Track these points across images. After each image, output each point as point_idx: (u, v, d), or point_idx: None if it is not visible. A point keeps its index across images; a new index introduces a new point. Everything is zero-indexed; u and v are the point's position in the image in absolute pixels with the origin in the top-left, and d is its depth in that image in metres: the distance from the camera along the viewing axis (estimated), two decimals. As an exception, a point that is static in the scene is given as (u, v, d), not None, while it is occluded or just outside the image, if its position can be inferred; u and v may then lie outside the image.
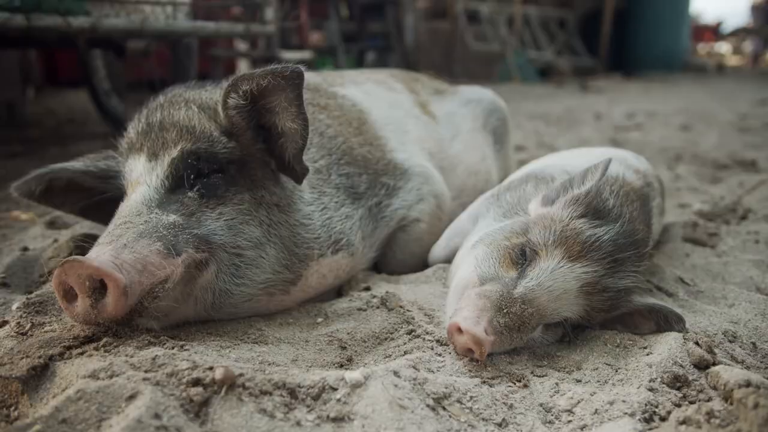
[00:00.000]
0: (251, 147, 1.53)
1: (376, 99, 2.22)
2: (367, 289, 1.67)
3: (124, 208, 1.39)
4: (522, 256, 1.36)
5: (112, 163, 1.61)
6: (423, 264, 1.93)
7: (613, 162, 1.78)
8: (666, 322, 1.38)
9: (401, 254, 1.91)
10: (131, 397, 0.97)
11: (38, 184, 1.63)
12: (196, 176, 1.44)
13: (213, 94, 1.64)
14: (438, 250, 1.91)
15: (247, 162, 1.53)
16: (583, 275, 1.31)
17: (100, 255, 1.20)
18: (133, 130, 1.58)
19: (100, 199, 1.66)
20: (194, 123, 1.51)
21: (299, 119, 1.43)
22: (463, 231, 1.80)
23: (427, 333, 1.37)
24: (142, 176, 1.46)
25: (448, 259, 1.79)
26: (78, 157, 1.66)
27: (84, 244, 1.76)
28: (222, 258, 1.39)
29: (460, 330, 1.23)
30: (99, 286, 1.19)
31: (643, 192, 1.71)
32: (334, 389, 1.06)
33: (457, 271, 1.52)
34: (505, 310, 1.25)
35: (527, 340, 1.33)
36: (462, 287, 1.39)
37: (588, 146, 3.52)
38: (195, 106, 1.55)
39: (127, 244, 1.24)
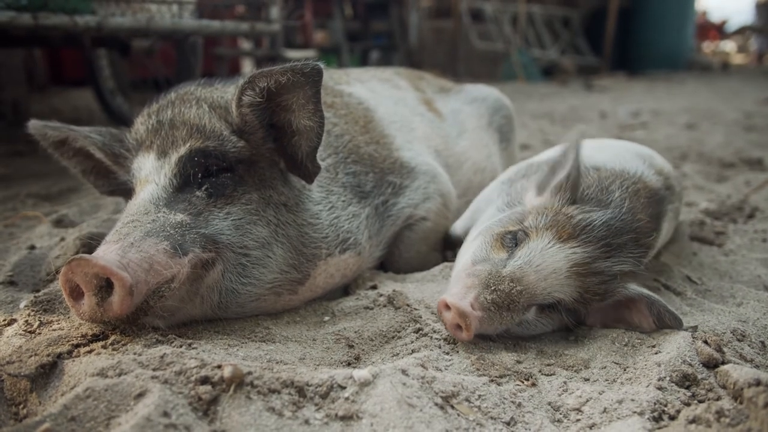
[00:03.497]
0: (261, 146, 1.53)
1: (382, 97, 2.22)
2: (374, 287, 1.67)
3: (132, 207, 1.39)
4: (513, 240, 1.39)
5: (125, 152, 1.61)
6: (429, 262, 1.92)
7: (637, 159, 1.77)
8: (659, 319, 1.35)
9: (407, 252, 1.90)
10: (140, 396, 0.97)
11: (56, 135, 1.65)
12: (204, 175, 1.44)
13: (224, 93, 1.64)
14: (460, 222, 1.97)
15: (256, 161, 1.52)
16: (573, 255, 1.32)
17: (106, 254, 1.20)
18: (143, 126, 1.57)
19: (110, 187, 1.74)
20: (204, 122, 1.50)
21: (316, 117, 1.43)
22: (480, 209, 1.86)
23: (435, 331, 1.37)
24: (150, 174, 1.46)
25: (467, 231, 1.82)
26: (99, 128, 1.67)
27: (90, 242, 1.77)
28: (229, 258, 1.38)
29: (448, 306, 1.27)
30: (105, 285, 1.19)
31: (660, 194, 1.68)
32: (343, 388, 1.06)
33: (458, 263, 1.55)
34: (492, 288, 1.28)
35: (520, 321, 1.34)
36: (457, 274, 1.44)
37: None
38: (206, 105, 1.55)
39: (134, 243, 1.24)
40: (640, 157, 1.80)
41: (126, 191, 1.64)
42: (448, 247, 2.01)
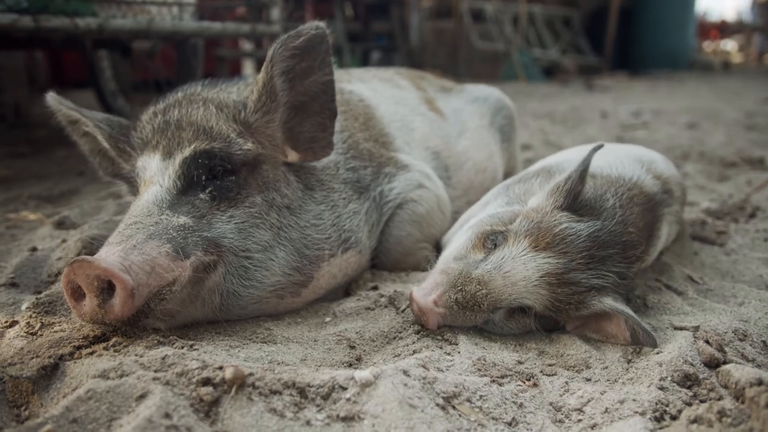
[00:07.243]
0: (275, 134, 1.55)
1: (383, 96, 2.22)
2: (375, 288, 1.67)
3: (135, 208, 1.39)
4: (493, 242, 1.39)
5: (129, 148, 1.61)
6: (421, 253, 1.89)
7: (635, 164, 1.75)
8: (633, 335, 1.32)
9: (398, 231, 1.84)
10: (141, 397, 0.98)
11: (69, 114, 1.69)
12: (208, 178, 1.44)
13: (230, 93, 1.65)
14: (451, 232, 1.92)
15: (260, 163, 1.53)
16: (546, 265, 1.31)
17: (109, 256, 1.21)
18: (149, 125, 1.57)
19: (114, 171, 1.77)
20: (212, 124, 1.51)
21: (331, 72, 1.55)
22: (474, 216, 1.82)
23: (436, 332, 1.37)
24: (155, 176, 1.45)
25: None
26: (111, 118, 1.70)
27: (92, 244, 1.77)
28: (230, 260, 1.39)
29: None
30: (107, 287, 1.19)
31: (656, 199, 1.66)
32: (344, 388, 1.06)
33: (442, 254, 1.56)
34: (459, 287, 1.32)
35: (485, 321, 1.37)
36: (435, 268, 1.46)
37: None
38: (213, 106, 1.55)
39: (137, 245, 1.24)
40: (639, 162, 1.77)
41: (128, 179, 1.66)
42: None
